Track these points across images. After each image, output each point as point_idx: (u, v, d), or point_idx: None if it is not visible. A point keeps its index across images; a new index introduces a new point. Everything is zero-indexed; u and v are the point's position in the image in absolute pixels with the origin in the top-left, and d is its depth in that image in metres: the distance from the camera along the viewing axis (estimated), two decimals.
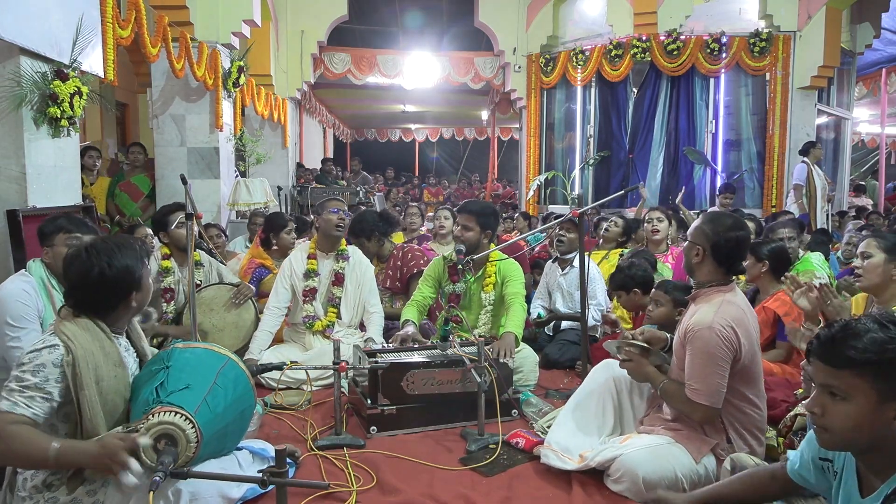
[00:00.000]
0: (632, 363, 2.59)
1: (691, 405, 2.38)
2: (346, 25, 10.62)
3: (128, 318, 2.17)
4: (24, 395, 1.85)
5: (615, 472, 2.40)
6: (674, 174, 9.23)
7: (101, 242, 2.09)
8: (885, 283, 2.80)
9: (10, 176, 3.75)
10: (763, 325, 3.36)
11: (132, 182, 6.43)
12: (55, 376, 1.88)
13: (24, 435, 1.82)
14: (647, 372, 2.56)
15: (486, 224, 3.72)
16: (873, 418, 1.42)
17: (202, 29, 6.58)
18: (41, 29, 3.71)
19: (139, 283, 2.09)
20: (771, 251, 3.44)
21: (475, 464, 2.68)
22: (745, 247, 2.59)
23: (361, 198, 9.32)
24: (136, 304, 2.12)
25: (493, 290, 3.77)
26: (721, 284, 2.50)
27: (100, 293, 2.02)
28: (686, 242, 2.63)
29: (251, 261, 4.77)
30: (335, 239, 3.99)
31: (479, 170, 19.19)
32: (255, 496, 2.29)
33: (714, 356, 2.33)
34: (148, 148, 6.87)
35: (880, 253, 2.81)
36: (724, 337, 2.33)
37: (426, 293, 3.87)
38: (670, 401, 2.50)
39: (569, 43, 9.89)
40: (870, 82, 11.68)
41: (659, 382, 2.52)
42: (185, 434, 1.91)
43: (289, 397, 3.45)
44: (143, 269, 2.11)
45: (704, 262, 2.51)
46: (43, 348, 1.91)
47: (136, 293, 2.09)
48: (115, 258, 2.03)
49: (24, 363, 1.89)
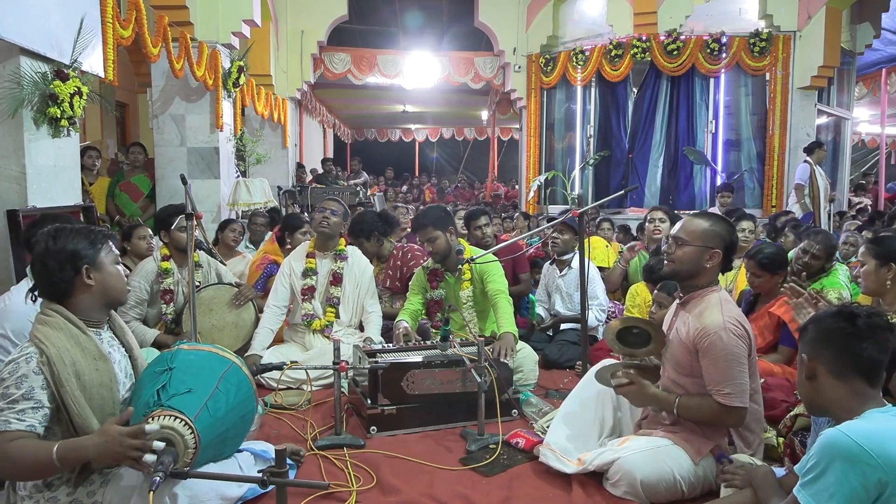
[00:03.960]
0: (633, 387, 2.47)
1: (724, 411, 2.32)
2: (346, 25, 10.63)
3: (96, 305, 2.08)
4: (14, 410, 1.83)
5: (614, 476, 2.39)
6: (674, 174, 9.24)
7: (57, 225, 2.08)
8: (882, 288, 2.81)
9: (10, 176, 3.75)
10: (767, 329, 3.36)
11: (132, 182, 6.43)
12: (39, 383, 1.87)
13: (26, 450, 1.82)
14: (652, 394, 2.46)
15: (443, 224, 3.74)
16: (799, 376, 1.81)
17: (202, 29, 6.58)
18: (41, 29, 3.71)
19: (92, 260, 2.03)
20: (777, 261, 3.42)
21: (475, 464, 2.68)
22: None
23: (361, 198, 9.32)
24: (97, 286, 2.04)
25: (471, 286, 3.81)
26: (713, 284, 2.50)
27: (48, 268, 1.99)
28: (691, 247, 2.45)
29: (265, 256, 4.82)
30: (327, 237, 4.00)
31: (479, 170, 19.21)
32: (255, 496, 2.29)
33: (737, 356, 2.31)
34: (148, 148, 6.88)
35: (871, 260, 2.83)
36: (738, 335, 2.32)
37: (415, 302, 3.93)
38: (694, 415, 2.38)
39: (569, 43, 9.90)
40: (870, 82, 11.68)
41: (673, 401, 2.41)
42: (184, 439, 1.90)
43: (289, 397, 3.46)
44: (100, 245, 2.06)
45: (715, 266, 2.46)
46: (19, 359, 1.89)
47: (91, 270, 2.02)
48: (62, 235, 2.01)
49: (5, 378, 1.87)
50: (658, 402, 2.47)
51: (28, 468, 1.84)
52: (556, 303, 4.62)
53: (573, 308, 4.45)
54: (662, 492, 2.34)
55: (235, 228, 5.20)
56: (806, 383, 1.76)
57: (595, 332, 4.44)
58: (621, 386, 2.49)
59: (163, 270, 3.99)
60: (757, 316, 3.43)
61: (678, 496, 2.36)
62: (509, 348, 3.32)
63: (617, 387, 2.51)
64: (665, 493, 2.34)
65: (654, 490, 2.33)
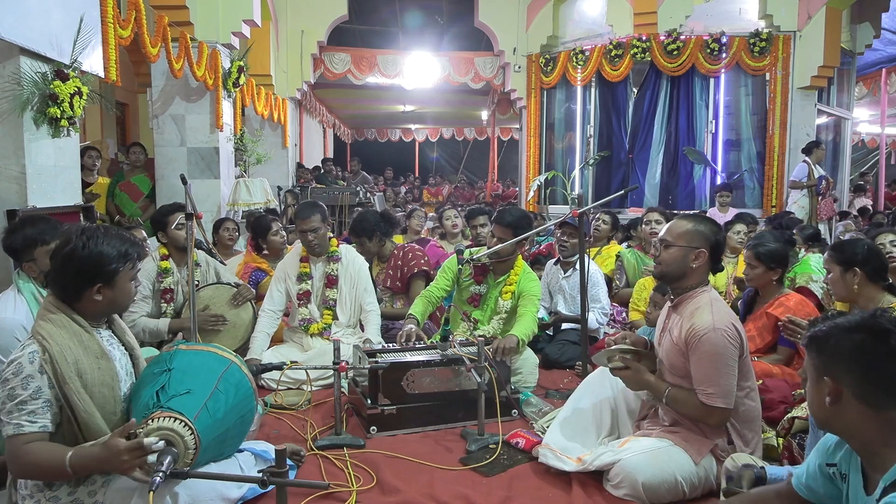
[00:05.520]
0: (629, 371, 2.49)
1: (706, 410, 2.34)
2: (346, 25, 10.63)
3: (98, 314, 2.08)
4: (24, 411, 1.84)
5: (615, 478, 2.39)
6: (674, 174, 9.23)
7: (96, 227, 2.05)
8: (851, 293, 2.81)
9: (10, 176, 3.75)
10: (765, 329, 3.36)
11: (132, 182, 6.44)
12: (45, 383, 1.87)
13: (42, 454, 1.84)
14: (646, 380, 2.48)
15: (520, 231, 3.65)
16: (814, 393, 1.55)
17: (202, 29, 6.58)
18: (41, 29, 3.71)
19: (110, 278, 2.00)
20: (778, 256, 3.38)
21: (475, 464, 2.68)
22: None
23: (361, 198, 9.32)
24: (104, 301, 2.02)
25: (511, 299, 3.73)
26: (703, 285, 2.50)
27: (66, 271, 1.97)
28: (676, 248, 2.49)
29: (246, 265, 4.78)
30: (321, 252, 3.99)
31: (479, 170, 19.20)
32: (255, 496, 2.29)
33: (724, 357, 2.32)
34: (148, 148, 6.88)
35: (835, 266, 2.83)
36: (729, 336, 2.33)
37: (441, 285, 3.85)
38: (680, 407, 2.43)
39: (569, 43, 9.90)
40: (870, 82, 11.68)
41: (664, 390, 2.44)
42: (184, 440, 1.90)
43: (289, 397, 3.46)
44: (121, 267, 2.02)
45: (702, 266, 2.47)
46: (21, 358, 1.88)
47: (103, 287, 2.00)
48: (94, 242, 1.98)
49: (9, 378, 1.86)
50: (651, 387, 2.49)
51: (41, 470, 1.88)
52: (559, 304, 4.62)
53: (576, 310, 4.44)
54: (664, 493, 2.34)
55: (229, 227, 5.20)
56: (826, 407, 1.51)
57: (596, 333, 4.44)
58: (618, 369, 2.51)
59: (162, 270, 3.99)
60: (755, 316, 3.43)
61: (679, 497, 2.37)
62: (508, 346, 3.31)
63: (613, 369, 2.53)
64: (666, 494, 2.35)
65: (655, 492, 2.33)
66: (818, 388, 1.53)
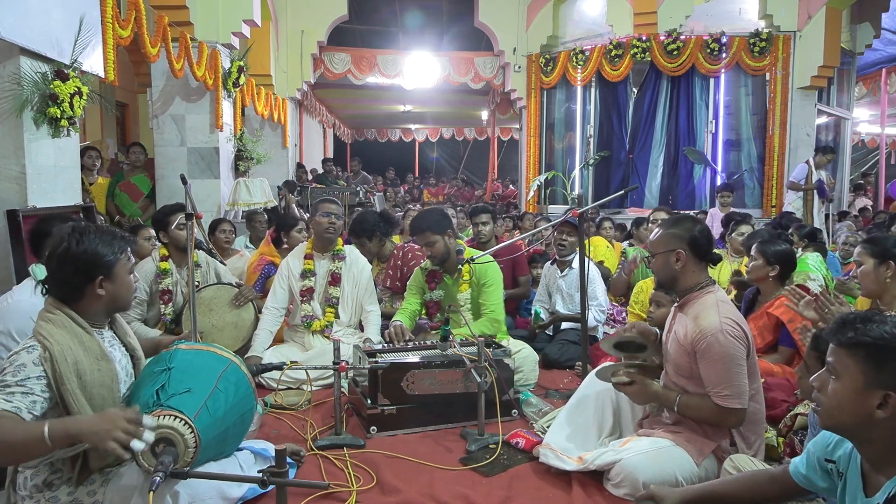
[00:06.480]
0: (634, 386, 2.47)
1: (723, 412, 2.33)
2: (346, 25, 10.63)
3: (101, 311, 2.07)
4: (3, 392, 1.80)
5: (615, 477, 2.39)
6: (674, 174, 9.25)
7: (85, 225, 2.04)
8: (881, 287, 2.81)
9: (10, 176, 3.75)
10: (766, 329, 3.36)
11: (132, 182, 6.43)
12: (36, 374, 1.85)
13: (16, 427, 1.75)
14: (654, 392, 2.47)
15: (440, 228, 3.71)
16: (855, 400, 1.46)
17: (202, 29, 6.59)
18: (41, 29, 3.71)
19: (108, 270, 2.00)
20: (781, 255, 3.39)
21: (475, 464, 2.68)
22: (710, 233, 2.58)
23: (361, 198, 9.32)
24: (107, 296, 2.02)
25: (469, 289, 3.78)
26: (707, 285, 2.48)
27: (64, 270, 1.97)
28: (658, 256, 2.51)
29: (261, 257, 4.81)
30: (331, 241, 4.00)
31: (479, 170, 19.20)
32: (255, 496, 2.29)
33: (734, 357, 2.31)
34: (148, 148, 6.88)
35: (869, 259, 2.82)
36: (736, 336, 2.32)
37: (413, 302, 3.92)
38: (694, 413, 2.40)
39: (569, 43, 9.90)
40: (870, 82, 11.69)
41: (674, 398, 2.42)
42: (184, 439, 1.90)
43: (289, 397, 3.45)
44: (119, 257, 2.03)
45: (687, 264, 2.46)
46: (21, 350, 1.89)
47: (104, 281, 2.00)
48: (86, 238, 1.98)
49: (6, 367, 1.86)
50: (660, 399, 2.47)
51: (16, 446, 1.74)
52: (557, 303, 4.62)
53: (574, 308, 4.44)
54: None
55: (225, 229, 5.19)
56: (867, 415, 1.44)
57: (595, 332, 4.44)
58: (623, 385, 2.48)
59: (161, 271, 3.99)
60: (756, 316, 3.43)
61: None
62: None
63: (618, 385, 2.50)
64: None
65: None
66: (863, 395, 1.44)
